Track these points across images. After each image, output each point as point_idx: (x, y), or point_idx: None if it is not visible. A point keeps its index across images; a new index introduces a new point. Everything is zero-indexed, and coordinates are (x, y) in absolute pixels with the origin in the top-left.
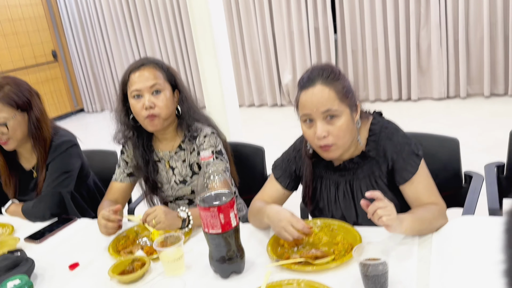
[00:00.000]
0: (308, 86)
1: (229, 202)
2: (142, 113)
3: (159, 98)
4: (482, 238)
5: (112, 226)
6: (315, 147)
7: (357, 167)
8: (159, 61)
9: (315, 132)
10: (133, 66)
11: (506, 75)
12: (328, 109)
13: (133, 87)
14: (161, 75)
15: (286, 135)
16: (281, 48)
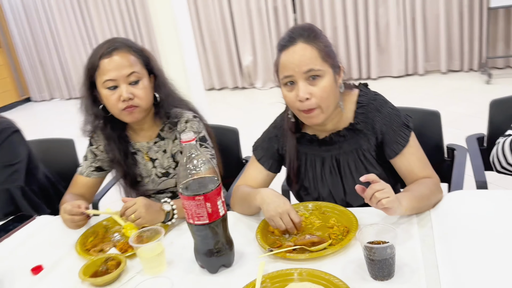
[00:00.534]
0: (288, 46)
1: (216, 189)
2: (119, 106)
3: (137, 88)
4: (481, 211)
5: (80, 218)
6: (297, 113)
7: (344, 141)
8: (132, 42)
9: (296, 95)
10: (103, 51)
11: (461, 52)
12: (311, 68)
13: (106, 77)
14: (137, 60)
15: (252, 118)
16: (240, 28)
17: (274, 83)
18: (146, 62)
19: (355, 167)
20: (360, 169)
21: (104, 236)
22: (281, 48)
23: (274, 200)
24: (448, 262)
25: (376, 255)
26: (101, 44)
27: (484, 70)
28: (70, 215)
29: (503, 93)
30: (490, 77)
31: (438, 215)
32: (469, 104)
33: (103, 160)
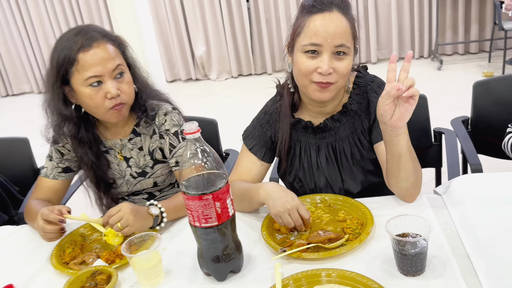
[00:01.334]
0: (324, 10)
1: (226, 186)
2: (105, 104)
3: (123, 82)
4: (494, 194)
5: (50, 229)
6: (306, 84)
7: (339, 126)
8: (105, 30)
9: (318, 66)
10: (81, 42)
11: (412, 39)
12: (343, 43)
13: (90, 73)
14: (117, 51)
15: (210, 110)
16: (191, 17)
17: (229, 74)
18: (123, 51)
19: (351, 153)
20: (356, 155)
21: (83, 246)
22: (312, 10)
23: (281, 195)
24: (478, 251)
25: (409, 249)
26: (71, 35)
27: (434, 57)
28: (43, 220)
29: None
30: (441, 63)
31: (452, 201)
32: (424, 90)
33: (71, 160)
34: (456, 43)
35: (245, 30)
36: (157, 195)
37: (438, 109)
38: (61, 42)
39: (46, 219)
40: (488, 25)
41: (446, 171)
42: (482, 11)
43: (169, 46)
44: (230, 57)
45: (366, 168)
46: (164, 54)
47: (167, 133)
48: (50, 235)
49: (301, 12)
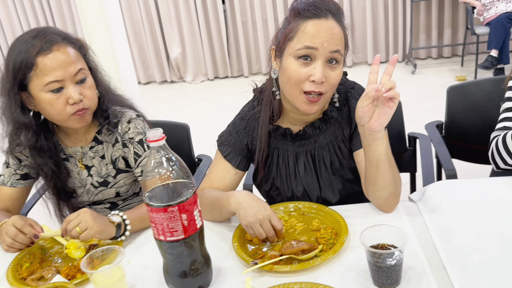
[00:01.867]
0: (320, 16)
1: (193, 196)
2: (67, 110)
3: (86, 87)
4: (469, 200)
5: (22, 240)
6: (296, 93)
7: (319, 133)
8: (65, 32)
9: (311, 74)
10: (40, 46)
11: (386, 43)
12: (338, 49)
13: (50, 78)
14: (78, 54)
15: (185, 113)
16: (166, 18)
17: (205, 77)
18: (84, 54)
19: (330, 162)
20: (335, 163)
21: (43, 260)
22: (308, 14)
23: (253, 205)
24: (453, 261)
25: (384, 262)
26: (28, 38)
27: (409, 61)
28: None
29: (428, 82)
30: (415, 67)
31: (427, 208)
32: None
33: (30, 166)
34: (430, 47)
35: (221, 32)
36: (120, 205)
37: (412, 113)
38: (17, 45)
39: (20, 230)
40: (460, 29)
41: (421, 176)
42: (455, 16)
43: (143, 48)
44: (206, 59)
45: (345, 177)
46: (138, 55)
47: (131, 142)
48: (18, 245)
49: (293, 16)
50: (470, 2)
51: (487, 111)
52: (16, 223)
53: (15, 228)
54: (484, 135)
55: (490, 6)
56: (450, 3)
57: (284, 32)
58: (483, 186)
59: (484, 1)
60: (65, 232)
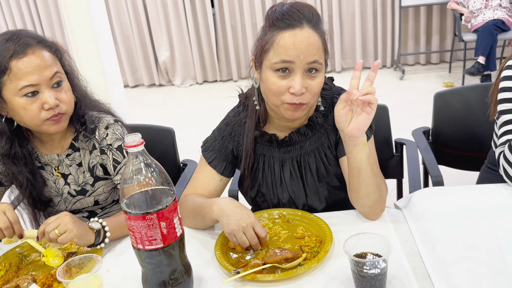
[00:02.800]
0: (295, 26)
1: (172, 204)
2: (41, 116)
3: (62, 91)
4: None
5: (10, 234)
6: (277, 104)
7: (305, 139)
8: (40, 36)
9: (290, 86)
10: (14, 48)
11: (375, 49)
12: (316, 60)
13: (24, 82)
14: (55, 58)
15: (174, 117)
16: (154, 21)
17: (193, 80)
18: (60, 58)
19: (316, 168)
20: (321, 170)
21: (19, 268)
22: (282, 25)
23: (236, 212)
24: (438, 270)
25: (368, 271)
26: (1, 41)
27: (397, 67)
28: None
29: (416, 88)
30: (403, 73)
31: (412, 216)
32: (387, 99)
33: (3, 174)
34: (418, 53)
35: (210, 35)
36: (99, 213)
37: (400, 119)
38: None
39: (12, 224)
40: (448, 36)
41: (408, 182)
42: (443, 22)
43: (132, 51)
44: (195, 62)
45: (332, 184)
46: (126, 58)
47: (109, 148)
48: (2, 237)
49: (268, 26)
50: (458, 9)
51: (474, 118)
52: (9, 215)
53: (7, 219)
54: (471, 141)
55: (477, 13)
56: (438, 9)
57: (261, 43)
58: (469, 194)
59: (472, 8)
60: (41, 234)
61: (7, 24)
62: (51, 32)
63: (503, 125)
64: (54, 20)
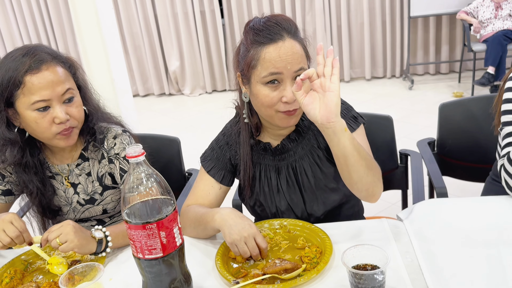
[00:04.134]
0: (276, 39)
1: (172, 214)
2: (52, 129)
3: (73, 106)
4: (457, 220)
5: (21, 241)
6: (271, 114)
7: (296, 145)
8: (55, 51)
9: (282, 96)
10: (28, 64)
11: (384, 59)
12: (302, 67)
13: (37, 97)
14: (67, 73)
15: (182, 126)
16: (165, 32)
17: (203, 90)
18: (74, 73)
19: (312, 172)
20: (317, 172)
21: (24, 275)
22: (264, 41)
23: (238, 222)
24: (438, 283)
25: (366, 283)
26: (18, 55)
27: (406, 77)
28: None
29: (425, 98)
30: (412, 83)
31: (413, 227)
32: (395, 109)
33: (14, 183)
34: (427, 63)
35: (220, 45)
36: (107, 222)
37: (409, 129)
38: (6, 62)
39: (21, 232)
40: (458, 46)
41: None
42: (452, 32)
43: (142, 61)
44: (205, 72)
45: (329, 186)
46: (137, 68)
47: (116, 157)
48: (14, 245)
49: (250, 43)
50: (467, 19)
51: (479, 129)
52: (17, 224)
53: (16, 228)
54: (476, 152)
55: (487, 23)
56: (447, 20)
57: (245, 60)
58: (472, 205)
59: (481, 18)
60: (44, 242)
61: (21, 36)
62: (64, 43)
63: (506, 137)
64: (67, 31)
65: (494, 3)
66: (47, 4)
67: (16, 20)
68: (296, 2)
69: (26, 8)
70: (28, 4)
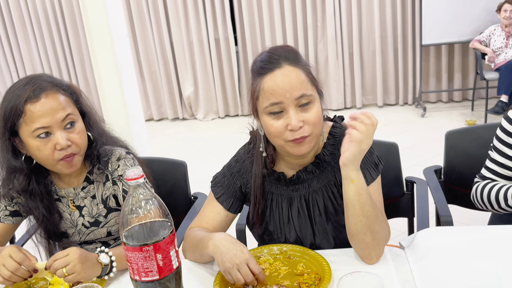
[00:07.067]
0: (273, 68)
1: (169, 236)
2: (55, 156)
3: (74, 132)
4: (459, 249)
5: (22, 273)
6: (282, 144)
7: (312, 177)
8: (57, 79)
9: (287, 124)
10: (28, 93)
11: (396, 86)
12: (303, 94)
13: (37, 124)
14: (68, 100)
15: (194, 150)
16: (180, 58)
17: (216, 115)
18: (76, 99)
19: (324, 206)
20: (329, 208)
21: None
22: (263, 71)
23: (230, 248)
24: None
25: None
26: (20, 85)
27: (418, 104)
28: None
29: (438, 126)
30: (425, 110)
31: (414, 255)
32: (407, 136)
33: (22, 204)
34: (440, 91)
35: (233, 72)
36: (112, 244)
37: (421, 156)
38: (10, 92)
39: (20, 264)
40: (471, 74)
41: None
42: (465, 60)
43: (158, 86)
44: (218, 97)
45: (340, 222)
46: (152, 93)
47: (120, 179)
48: (16, 279)
49: (253, 76)
50: (481, 48)
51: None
52: (15, 256)
53: (14, 261)
54: None
55: (499, 52)
56: (460, 48)
57: (251, 93)
58: (474, 234)
59: (493, 47)
60: (49, 267)
61: (42, 62)
62: (82, 69)
63: None
64: (85, 58)
65: (505, 32)
66: (67, 31)
67: (37, 47)
68: (309, 30)
69: (47, 36)
70: (49, 31)
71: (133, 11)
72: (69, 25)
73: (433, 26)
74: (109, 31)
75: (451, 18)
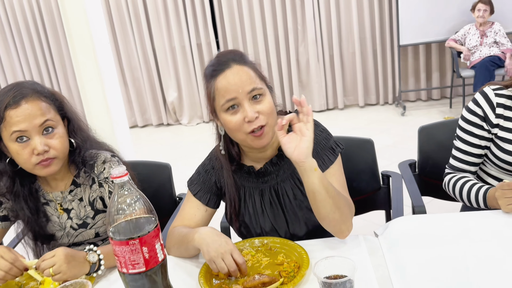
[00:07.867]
0: (223, 69)
1: (154, 230)
2: (32, 160)
3: (53, 137)
4: (429, 236)
5: (15, 272)
6: (243, 138)
7: (278, 168)
8: (41, 86)
9: (244, 117)
10: (9, 100)
11: (376, 86)
12: (254, 87)
13: (14, 128)
14: (49, 107)
15: (179, 154)
16: (163, 64)
17: (200, 119)
18: (59, 107)
19: (293, 194)
20: (298, 195)
21: None
22: (214, 74)
23: (215, 240)
24: None
25: None
26: (5, 91)
27: (398, 103)
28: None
29: (418, 123)
30: (404, 109)
31: (387, 242)
32: (388, 134)
33: (10, 209)
34: (419, 90)
35: None
36: (100, 245)
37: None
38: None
39: (13, 263)
40: (448, 73)
41: None
42: (442, 59)
43: (141, 92)
44: (202, 102)
45: (309, 207)
46: (136, 100)
47: (106, 181)
48: (10, 278)
49: (206, 81)
50: (456, 47)
51: None
52: (7, 257)
53: (7, 262)
54: None
55: (474, 50)
56: (437, 47)
57: (206, 96)
58: (444, 222)
59: (468, 46)
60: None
61: (22, 69)
62: (64, 75)
63: None
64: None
65: (480, 31)
66: (48, 37)
67: (17, 53)
68: (289, 33)
69: (27, 42)
70: (29, 38)
71: (114, 18)
72: (50, 33)
73: (410, 27)
74: (90, 39)
75: (427, 18)
